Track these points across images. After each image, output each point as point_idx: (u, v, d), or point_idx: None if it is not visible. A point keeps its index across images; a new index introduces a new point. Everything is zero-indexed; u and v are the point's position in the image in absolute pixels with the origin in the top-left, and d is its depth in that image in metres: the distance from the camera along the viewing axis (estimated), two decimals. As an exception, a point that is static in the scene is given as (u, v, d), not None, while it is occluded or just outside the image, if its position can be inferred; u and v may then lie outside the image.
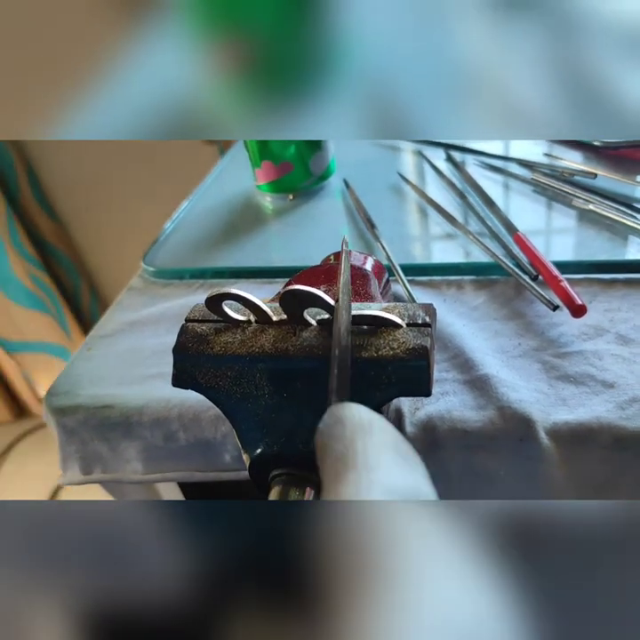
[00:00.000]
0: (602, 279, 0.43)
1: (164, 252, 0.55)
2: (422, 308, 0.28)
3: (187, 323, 0.30)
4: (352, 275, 0.35)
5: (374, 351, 0.27)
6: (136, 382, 0.42)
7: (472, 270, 0.46)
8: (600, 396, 0.34)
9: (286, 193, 0.60)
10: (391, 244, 0.49)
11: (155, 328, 0.47)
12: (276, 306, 0.29)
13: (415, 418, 0.35)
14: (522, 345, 0.39)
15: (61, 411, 0.41)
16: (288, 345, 0.28)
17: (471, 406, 0.35)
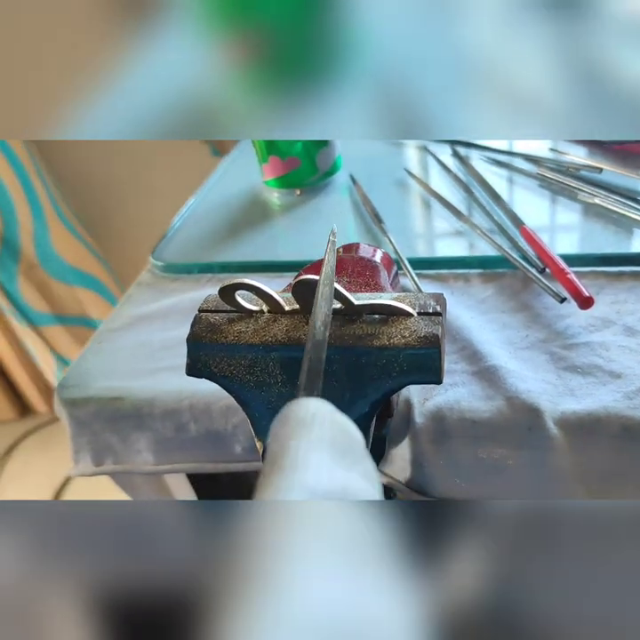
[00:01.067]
0: (608, 272, 0.43)
1: (172, 247, 0.56)
2: (433, 298, 0.29)
3: (200, 313, 0.30)
4: (362, 266, 0.35)
5: (386, 340, 0.27)
6: (147, 375, 0.42)
7: (479, 263, 0.46)
8: (607, 386, 0.35)
9: (293, 188, 0.60)
10: (398, 238, 0.49)
11: (164, 322, 0.47)
12: (288, 296, 0.30)
13: (424, 408, 0.36)
14: (529, 336, 0.39)
15: (73, 403, 0.42)
16: (300, 334, 0.28)
17: (480, 397, 0.35)
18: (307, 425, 0.19)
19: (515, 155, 0.60)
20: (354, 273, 0.34)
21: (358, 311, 0.28)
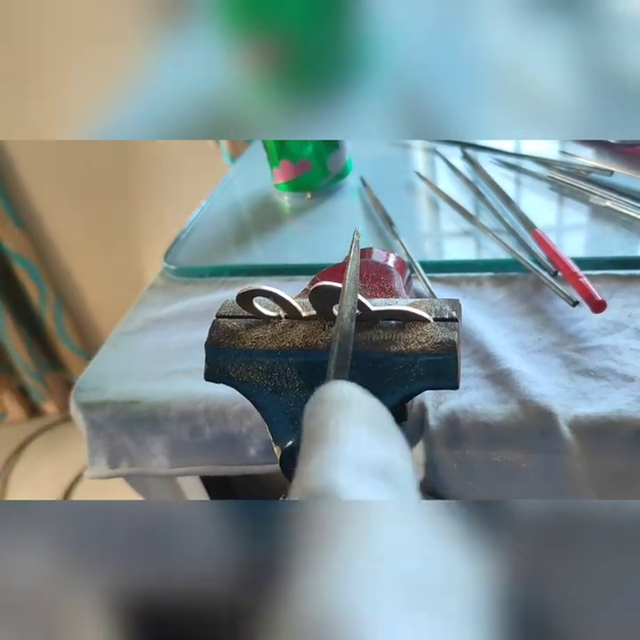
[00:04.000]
0: (620, 275, 0.43)
1: (184, 251, 0.56)
2: (449, 303, 0.29)
3: (218, 319, 0.31)
4: (376, 271, 0.35)
5: (403, 345, 0.27)
6: (162, 378, 0.43)
7: (490, 267, 0.46)
8: (620, 389, 0.35)
9: (304, 192, 0.60)
10: (410, 241, 0.49)
11: (178, 325, 0.48)
12: (304, 301, 0.30)
13: (438, 412, 0.36)
14: (542, 340, 0.39)
15: (89, 406, 0.42)
16: (318, 339, 0.29)
17: (493, 400, 0.36)
18: (343, 405, 0.20)
19: (524, 157, 0.60)
20: (369, 278, 0.35)
21: (375, 317, 0.29)
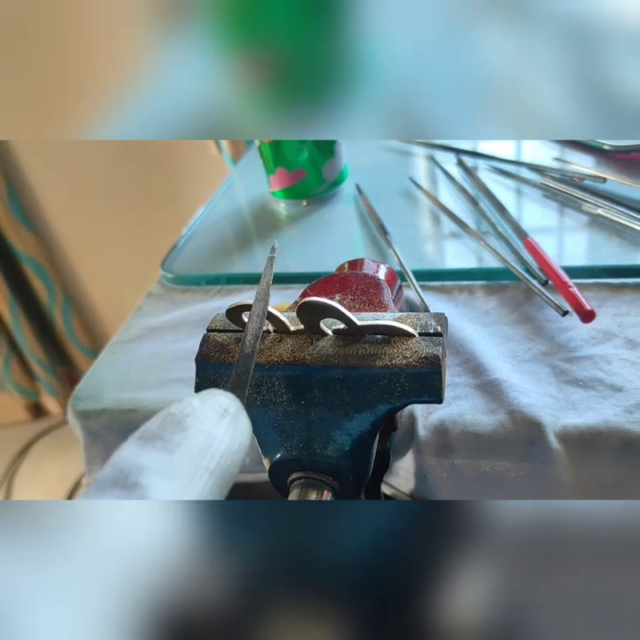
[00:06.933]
0: (611, 284, 0.44)
1: (181, 259, 0.57)
2: (434, 318, 0.29)
3: (208, 332, 0.31)
4: (365, 284, 0.36)
5: (388, 360, 0.28)
6: (158, 386, 0.43)
7: (483, 275, 0.47)
8: (608, 400, 0.35)
9: (300, 199, 0.61)
10: (403, 249, 0.50)
11: (175, 333, 0.48)
12: (293, 316, 0.31)
13: (428, 422, 0.36)
14: (532, 349, 0.40)
15: (86, 414, 0.43)
16: (305, 354, 0.29)
17: (482, 410, 0.36)
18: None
19: (519, 164, 0.61)
20: (357, 290, 0.35)
21: (361, 331, 0.29)
